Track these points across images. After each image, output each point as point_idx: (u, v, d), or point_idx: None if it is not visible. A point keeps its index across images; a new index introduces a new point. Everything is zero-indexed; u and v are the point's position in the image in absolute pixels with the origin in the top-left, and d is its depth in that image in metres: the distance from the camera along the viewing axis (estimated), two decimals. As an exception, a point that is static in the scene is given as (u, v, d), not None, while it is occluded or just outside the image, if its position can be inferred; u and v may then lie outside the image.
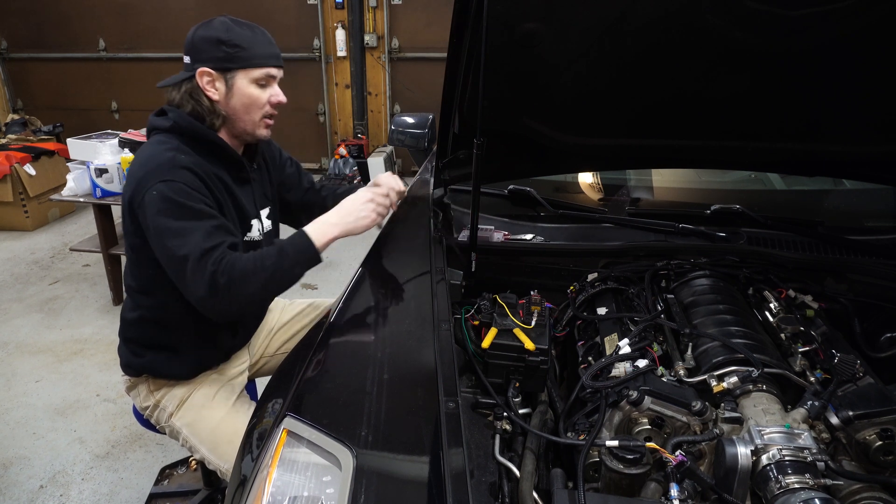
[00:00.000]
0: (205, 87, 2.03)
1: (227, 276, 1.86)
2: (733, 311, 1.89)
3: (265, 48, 2.05)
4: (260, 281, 1.91)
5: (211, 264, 1.86)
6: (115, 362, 4.33)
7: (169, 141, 2.02)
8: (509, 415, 1.61)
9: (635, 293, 2.08)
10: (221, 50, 1.99)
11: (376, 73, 8.48)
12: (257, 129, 2.13)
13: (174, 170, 1.92)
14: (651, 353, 1.74)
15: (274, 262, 1.94)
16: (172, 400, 2.26)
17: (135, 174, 1.97)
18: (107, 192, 4.75)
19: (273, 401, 1.67)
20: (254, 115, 2.09)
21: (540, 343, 1.75)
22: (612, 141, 2.36)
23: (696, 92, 2.08)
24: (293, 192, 2.50)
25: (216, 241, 1.90)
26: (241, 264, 1.90)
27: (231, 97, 2.04)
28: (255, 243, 2.23)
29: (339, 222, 2.09)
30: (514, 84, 2.08)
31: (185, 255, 1.86)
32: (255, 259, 1.93)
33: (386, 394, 1.56)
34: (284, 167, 2.48)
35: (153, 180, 1.90)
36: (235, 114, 2.07)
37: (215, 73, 2.02)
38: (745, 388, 1.58)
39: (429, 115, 3.62)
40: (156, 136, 2.06)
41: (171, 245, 1.87)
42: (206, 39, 2.00)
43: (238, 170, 2.16)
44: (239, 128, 2.11)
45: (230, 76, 2.02)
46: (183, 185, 1.91)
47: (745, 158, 2.45)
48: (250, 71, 2.03)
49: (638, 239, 2.41)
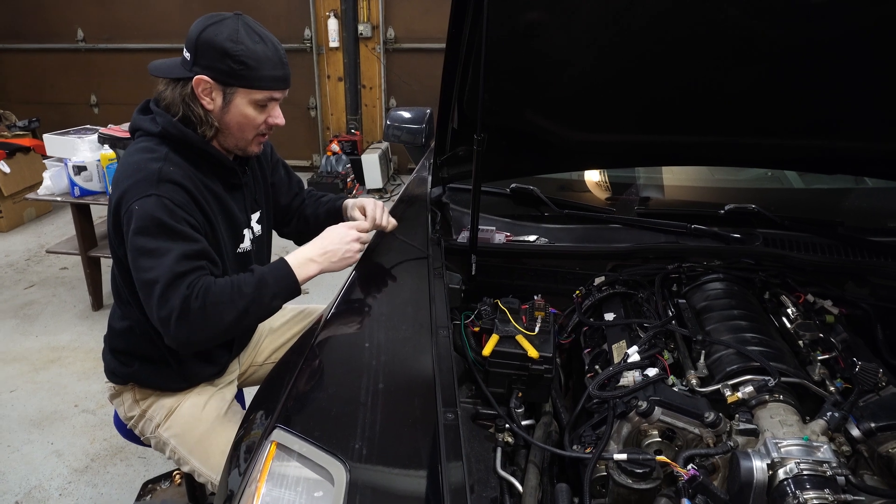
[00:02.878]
0: (200, 95, 1.99)
1: (202, 301, 1.85)
2: (748, 317, 1.89)
3: (273, 69, 1.98)
4: (237, 309, 1.90)
5: (185, 287, 1.85)
6: (95, 371, 4.35)
7: (157, 149, 1.99)
8: (511, 426, 1.61)
9: (645, 298, 2.08)
10: (226, 63, 1.93)
11: (371, 64, 8.49)
12: (248, 147, 2.12)
13: (161, 184, 1.90)
14: (661, 361, 1.74)
15: (252, 291, 1.93)
16: (160, 410, 2.26)
17: (120, 183, 1.95)
18: (85, 190, 4.75)
19: (261, 412, 1.67)
20: (247, 133, 2.07)
21: (544, 351, 1.75)
22: (620, 137, 2.36)
23: (709, 85, 2.08)
24: (284, 197, 2.51)
25: (191, 266, 1.88)
26: (217, 289, 1.88)
27: (226, 112, 2.01)
28: (245, 254, 2.23)
29: (320, 260, 2.09)
30: (517, 76, 2.08)
31: (155, 277, 1.84)
32: (233, 286, 1.92)
33: (381, 404, 1.56)
34: (277, 169, 2.47)
35: (138, 193, 1.89)
36: (228, 129, 2.05)
37: (213, 84, 1.97)
38: (760, 398, 1.58)
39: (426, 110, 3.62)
40: (143, 142, 2.03)
41: (143, 265, 1.87)
42: (212, 46, 1.93)
43: (230, 177, 2.15)
44: (230, 143, 2.09)
45: (229, 91, 1.98)
46: (167, 202, 1.89)
47: (760, 155, 2.45)
48: (252, 92, 1.99)
49: (648, 240, 2.41)
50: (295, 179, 2.56)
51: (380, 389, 1.61)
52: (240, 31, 1.93)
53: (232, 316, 1.90)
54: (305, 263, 2.06)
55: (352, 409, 1.54)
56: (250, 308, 1.92)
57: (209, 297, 1.86)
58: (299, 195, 2.56)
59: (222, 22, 1.94)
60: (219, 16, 1.97)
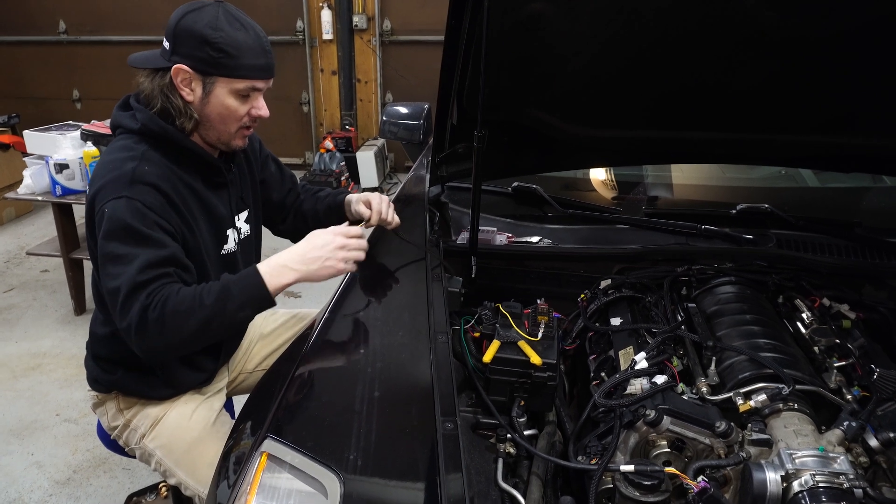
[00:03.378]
0: (179, 85, 1.99)
1: (159, 311, 1.83)
2: (761, 322, 1.89)
3: (255, 58, 1.98)
4: (196, 321, 1.86)
5: (145, 297, 1.84)
6: (77, 378, 4.35)
7: (135, 147, 1.99)
8: (513, 436, 1.61)
9: (653, 302, 2.08)
10: (205, 51, 1.93)
11: (366, 58, 8.49)
12: (232, 141, 2.11)
13: (134, 185, 1.90)
14: (670, 368, 1.74)
15: (215, 301, 1.88)
16: (145, 419, 2.25)
17: (95, 181, 1.96)
18: (68, 189, 4.75)
19: (251, 421, 1.67)
20: (229, 126, 2.06)
21: (547, 357, 1.75)
22: (627, 133, 2.36)
23: (721, 79, 2.08)
24: (276, 193, 2.50)
25: (154, 274, 1.87)
26: (177, 299, 1.86)
27: (207, 104, 2.01)
28: (231, 256, 2.22)
29: (298, 268, 2.00)
30: (519, 70, 2.08)
31: (118, 286, 1.85)
32: (194, 295, 1.88)
33: (377, 413, 1.56)
34: (267, 164, 2.46)
35: (110, 194, 1.89)
36: (209, 121, 2.04)
37: (193, 74, 1.97)
38: (774, 406, 1.58)
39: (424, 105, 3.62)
40: (121, 139, 2.03)
41: (110, 272, 1.87)
42: (190, 34, 1.93)
43: (214, 174, 2.15)
44: (212, 136, 2.08)
45: (209, 81, 1.98)
46: (139, 205, 1.88)
47: (773, 153, 2.45)
48: (233, 81, 1.98)
49: (656, 242, 2.41)
50: (287, 174, 2.55)
51: (375, 398, 1.61)
52: (220, 17, 1.93)
53: (192, 327, 1.86)
54: (280, 271, 1.98)
55: (346, 419, 1.54)
56: (212, 320, 1.87)
57: (167, 306, 1.83)
58: (293, 191, 2.55)
59: (202, 9, 1.95)
60: (199, 3, 1.97)
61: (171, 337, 1.86)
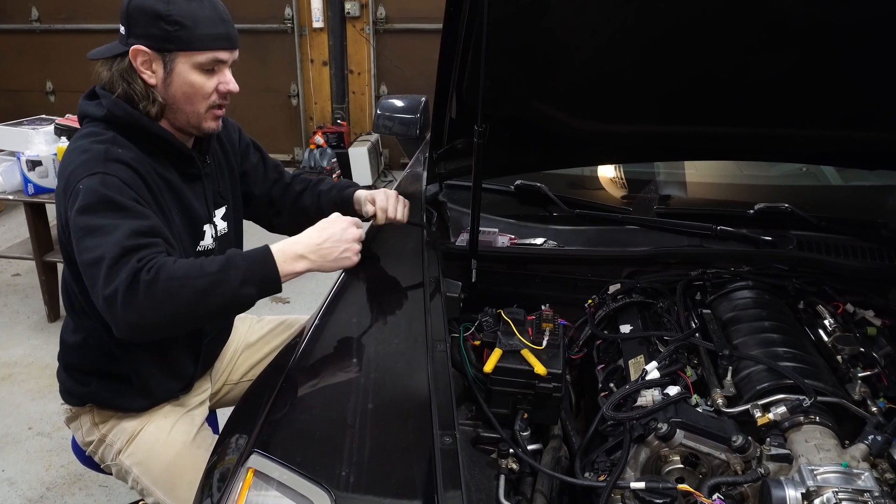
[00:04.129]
0: (139, 69, 1.99)
1: (153, 275, 1.78)
2: (781, 329, 1.89)
3: (213, 27, 1.99)
4: (193, 289, 1.81)
5: (136, 261, 1.79)
6: (51, 389, 4.34)
7: (102, 132, 1.99)
8: (516, 451, 1.61)
9: (665, 308, 2.08)
10: (159, 26, 1.94)
11: (359, 47, 8.50)
12: (203, 122, 2.10)
13: (107, 163, 1.90)
14: (684, 378, 1.75)
15: (217, 270, 1.85)
16: (121, 434, 2.25)
17: (62, 172, 1.96)
18: (41, 188, 4.74)
19: (237, 435, 1.67)
20: (197, 106, 2.06)
21: (552, 367, 1.75)
22: (638, 128, 2.36)
23: (738, 70, 2.08)
24: (258, 186, 2.49)
25: (143, 241, 1.84)
26: (173, 266, 1.82)
27: (170, 84, 2.01)
28: (208, 253, 2.20)
29: (313, 258, 2.00)
30: (522, 61, 2.08)
31: (101, 255, 1.80)
32: (193, 264, 1.86)
33: (371, 427, 1.56)
34: (247, 154, 2.46)
35: (82, 173, 1.88)
36: (175, 103, 2.04)
37: (151, 53, 1.98)
38: (794, 419, 1.58)
39: (421, 98, 3.63)
40: (87, 127, 2.04)
41: (87, 245, 1.83)
42: (141, 10, 1.95)
43: (187, 165, 2.14)
44: (181, 119, 2.08)
45: (169, 59, 1.98)
46: (115, 179, 1.88)
47: (794, 149, 2.45)
48: (193, 55, 1.99)
49: (668, 244, 2.41)
50: (271, 164, 2.53)
51: (369, 410, 1.61)
52: None
53: (187, 296, 1.81)
54: (293, 258, 1.97)
55: (338, 432, 1.54)
56: (211, 290, 1.83)
57: (163, 271, 1.79)
58: (279, 182, 2.52)
59: None
60: None
61: (163, 306, 1.79)
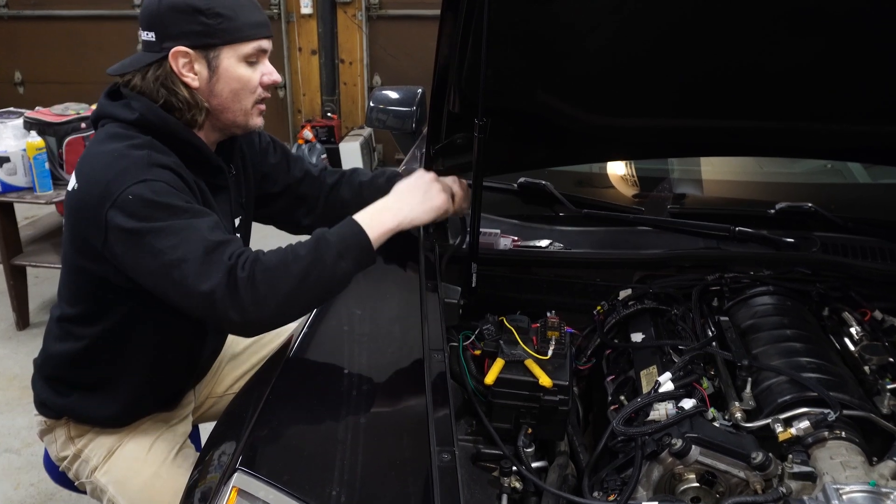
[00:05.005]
0: (180, 73, 1.98)
1: (249, 270, 1.80)
2: (804, 338, 1.89)
3: (253, 14, 2.00)
4: (292, 276, 1.82)
5: (227, 258, 1.80)
6: (19, 402, 4.33)
7: (136, 136, 1.96)
8: (520, 469, 1.61)
9: (679, 315, 2.09)
10: (199, 21, 1.93)
11: (350, 35, 8.50)
12: (250, 120, 2.11)
13: (152, 168, 1.88)
14: (699, 390, 1.75)
15: (309, 251, 1.86)
16: (98, 450, 2.25)
17: (95, 178, 1.90)
18: (9, 186, 4.74)
19: (220, 452, 1.67)
20: (245, 102, 2.06)
21: (558, 378, 1.75)
22: (651, 121, 2.36)
23: (759, 59, 2.09)
24: (280, 184, 2.47)
25: (223, 236, 1.86)
26: (265, 257, 1.84)
27: (216, 83, 2.01)
28: None
29: (398, 207, 2.03)
30: (527, 49, 2.08)
31: (181, 256, 1.79)
32: (285, 251, 1.87)
33: (363, 443, 1.56)
34: (266, 155, 2.44)
35: (126, 181, 1.84)
36: (222, 103, 2.04)
37: (193, 53, 1.96)
38: (818, 434, 1.58)
39: (417, 90, 3.63)
40: (112, 128, 2.00)
41: (162, 246, 1.80)
42: (176, 9, 1.93)
43: (215, 176, 2.14)
44: (227, 119, 2.08)
45: (213, 56, 1.98)
46: (164, 185, 1.87)
47: (818, 144, 2.46)
48: (238, 46, 1.99)
49: (683, 246, 2.41)
50: (294, 160, 2.52)
51: (361, 425, 1.61)
52: None
53: (289, 284, 1.82)
54: (379, 216, 1.99)
55: (328, 449, 1.54)
56: (310, 272, 1.83)
57: (258, 265, 1.81)
58: (307, 178, 2.50)
59: None
60: None
61: (266, 300, 1.80)
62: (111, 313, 2.06)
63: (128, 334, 2.09)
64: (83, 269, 2.04)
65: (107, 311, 2.07)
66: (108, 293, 2.02)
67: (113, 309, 2.05)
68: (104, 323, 2.09)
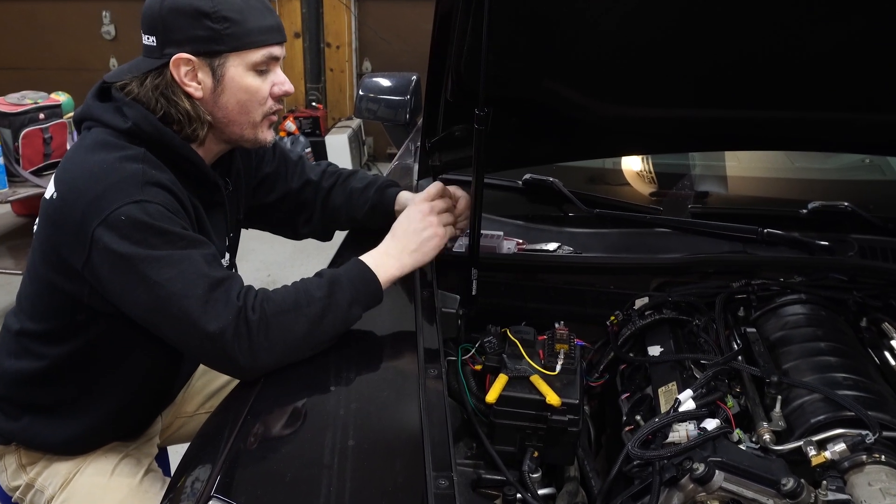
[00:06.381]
0: (182, 81, 1.98)
1: (260, 312, 1.82)
2: (840, 352, 1.89)
3: (263, 18, 2.00)
4: (306, 319, 1.86)
5: (236, 297, 1.82)
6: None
7: (128, 146, 1.95)
8: (525, 497, 1.61)
9: (702, 326, 2.09)
10: (204, 26, 1.93)
11: (338, 16, 8.51)
12: (259, 133, 2.12)
13: (146, 187, 1.88)
14: (724, 409, 1.75)
15: (324, 295, 1.90)
16: (53, 478, 2.24)
17: (83, 188, 1.89)
18: (-41, 184, 4.75)
19: (193, 477, 1.67)
20: (253, 114, 2.07)
21: (568, 396, 1.75)
22: (670, 112, 2.37)
23: (790, 43, 2.09)
24: (277, 193, 2.49)
25: (223, 271, 1.87)
26: (275, 297, 1.87)
27: (221, 93, 2.01)
28: None
29: (396, 254, 2.06)
30: (533, 32, 2.09)
31: (181, 290, 1.79)
32: (298, 291, 1.90)
33: (351, 467, 1.56)
34: (262, 163, 2.46)
35: (117, 200, 1.83)
36: (227, 115, 2.05)
37: (197, 61, 1.96)
38: (856, 458, 1.58)
39: (411, 76, 3.63)
40: (102, 133, 1.99)
41: (159, 278, 1.80)
42: (179, 12, 1.93)
43: (211, 192, 2.15)
44: (233, 133, 2.09)
45: (219, 63, 1.98)
46: (159, 207, 1.86)
47: (855, 136, 2.46)
48: (246, 54, 1.99)
49: (705, 249, 2.42)
50: (293, 163, 2.54)
51: (350, 447, 1.61)
52: None
53: (303, 328, 1.85)
54: (382, 260, 2.03)
55: (313, 474, 1.54)
56: (325, 316, 1.88)
57: (269, 305, 1.83)
58: (309, 183, 2.52)
59: None
60: None
61: (279, 343, 1.83)
62: (80, 334, 2.05)
63: (96, 357, 2.08)
64: (53, 285, 2.02)
65: (76, 331, 2.06)
66: (80, 314, 2.01)
67: (83, 330, 2.03)
68: (71, 344, 2.08)
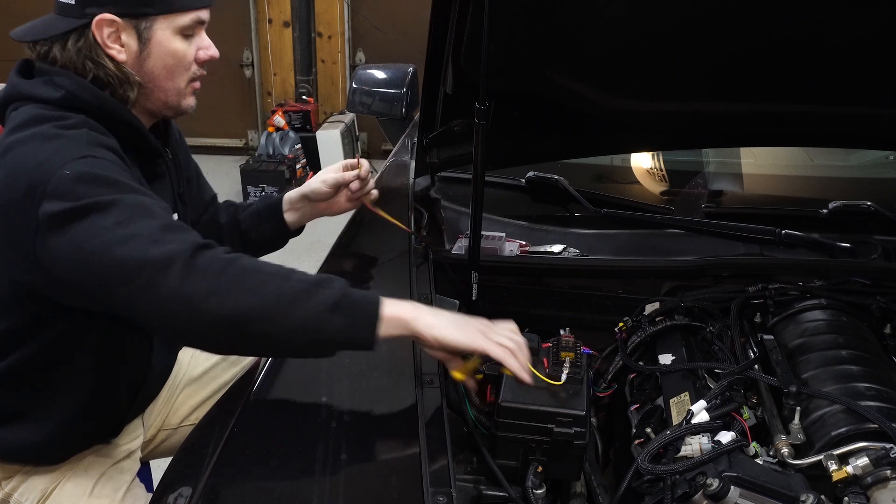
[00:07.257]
0: (105, 43, 1.97)
1: (231, 257, 1.74)
2: (862, 360, 1.90)
3: None
4: (280, 291, 1.72)
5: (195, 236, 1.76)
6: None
7: (67, 115, 1.93)
8: (528, 514, 1.61)
9: (716, 333, 2.09)
10: None
11: (330, 4, 8.50)
12: (183, 100, 2.12)
13: (91, 146, 1.87)
14: (739, 421, 1.75)
15: (311, 281, 1.77)
16: (30, 493, 2.23)
17: (20, 166, 1.83)
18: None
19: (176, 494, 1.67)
20: (178, 79, 2.08)
21: (574, 407, 1.76)
22: (683, 106, 2.37)
23: (809, 32, 2.09)
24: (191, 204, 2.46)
25: (180, 223, 1.86)
26: (250, 258, 1.78)
27: (147, 57, 2.01)
28: None
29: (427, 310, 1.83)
30: (536, 20, 2.09)
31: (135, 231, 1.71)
32: (282, 267, 1.78)
33: (344, 483, 1.56)
34: (189, 158, 2.48)
35: (62, 160, 1.79)
36: (153, 80, 2.05)
37: (121, 22, 1.96)
38: (879, 473, 1.58)
39: (408, 68, 3.63)
40: (33, 109, 1.95)
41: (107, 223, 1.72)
42: None
43: (152, 162, 2.16)
44: (157, 99, 2.09)
45: (145, 26, 1.99)
46: (108, 162, 1.85)
47: (878, 131, 2.46)
48: (174, 17, 2.00)
49: (720, 252, 2.42)
50: (207, 186, 2.59)
51: (343, 462, 1.61)
52: None
53: (270, 294, 1.71)
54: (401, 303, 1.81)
55: (303, 489, 1.55)
56: (298, 300, 1.71)
57: (244, 259, 1.75)
58: (214, 202, 2.59)
59: None
60: None
61: (236, 294, 1.69)
62: (42, 332, 2.03)
63: (61, 356, 2.07)
64: (7, 280, 2.00)
65: (36, 329, 2.04)
66: (40, 308, 1.98)
67: (44, 327, 2.02)
68: (32, 344, 2.06)
